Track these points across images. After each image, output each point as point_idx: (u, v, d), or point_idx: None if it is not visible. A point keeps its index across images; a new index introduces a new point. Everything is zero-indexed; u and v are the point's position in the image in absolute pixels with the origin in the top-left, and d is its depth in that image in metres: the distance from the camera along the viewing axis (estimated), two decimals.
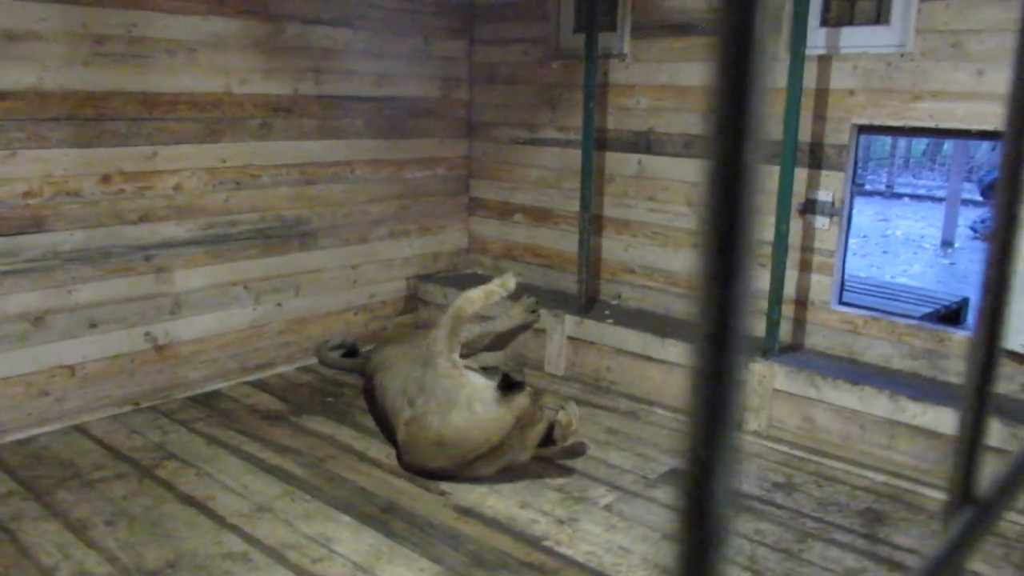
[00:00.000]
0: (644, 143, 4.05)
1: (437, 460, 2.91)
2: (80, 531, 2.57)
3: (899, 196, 14.19)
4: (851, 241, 3.65)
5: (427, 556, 2.47)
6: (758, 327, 3.59)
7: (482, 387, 2.90)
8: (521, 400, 2.83)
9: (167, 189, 3.58)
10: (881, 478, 3.06)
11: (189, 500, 2.78)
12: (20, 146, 3.15)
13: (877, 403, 3.15)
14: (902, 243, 9.99)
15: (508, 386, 2.84)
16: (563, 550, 2.53)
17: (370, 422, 3.43)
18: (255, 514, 2.69)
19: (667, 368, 3.71)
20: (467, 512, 2.75)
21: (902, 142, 16.08)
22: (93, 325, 3.44)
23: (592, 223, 4.15)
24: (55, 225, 3.28)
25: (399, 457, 3.06)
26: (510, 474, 3.02)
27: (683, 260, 3.99)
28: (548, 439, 2.91)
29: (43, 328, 3.30)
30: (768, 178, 3.57)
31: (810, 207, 3.52)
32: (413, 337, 3.66)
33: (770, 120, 3.57)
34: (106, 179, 3.39)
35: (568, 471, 3.07)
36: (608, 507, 2.80)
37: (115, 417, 3.42)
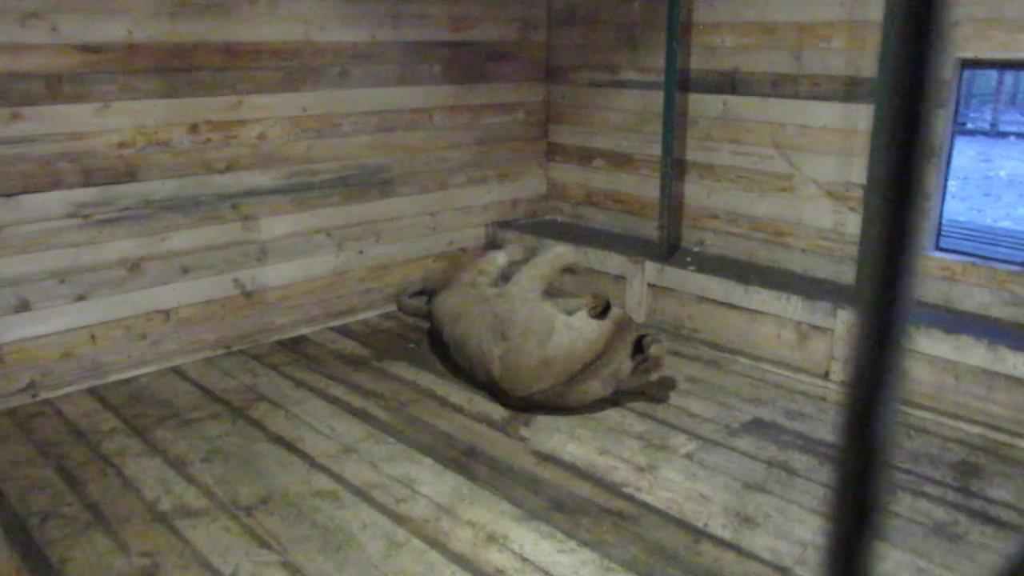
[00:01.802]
0: (729, 83, 3.92)
1: (543, 380, 2.99)
2: (179, 467, 2.72)
3: (1004, 135, 13.42)
4: (950, 183, 3.48)
5: (507, 499, 2.52)
6: (848, 275, 3.48)
7: (576, 313, 3.12)
8: (615, 311, 3.09)
9: (251, 138, 3.66)
10: (976, 430, 2.96)
11: (279, 440, 2.89)
12: (113, 98, 3.26)
13: (974, 353, 3.03)
14: (1006, 185, 9.47)
15: (601, 312, 3.09)
16: (643, 497, 2.55)
17: (450, 368, 3.49)
18: (341, 455, 2.79)
19: (750, 316, 3.65)
20: (547, 458, 2.78)
21: (1009, 77, 15.14)
22: (185, 271, 3.57)
23: (674, 167, 4.06)
24: (147, 175, 3.40)
25: (497, 392, 3.13)
26: (589, 421, 3.04)
27: (768, 205, 3.88)
28: (642, 366, 3.07)
29: (139, 274, 3.45)
30: (861, 118, 3.42)
31: None
32: (463, 275, 3.69)
33: (870, 56, 3.40)
34: (194, 129, 3.48)
35: (648, 419, 3.07)
36: (689, 455, 2.80)
37: (208, 360, 3.58)
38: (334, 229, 4.03)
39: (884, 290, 0.39)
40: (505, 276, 3.35)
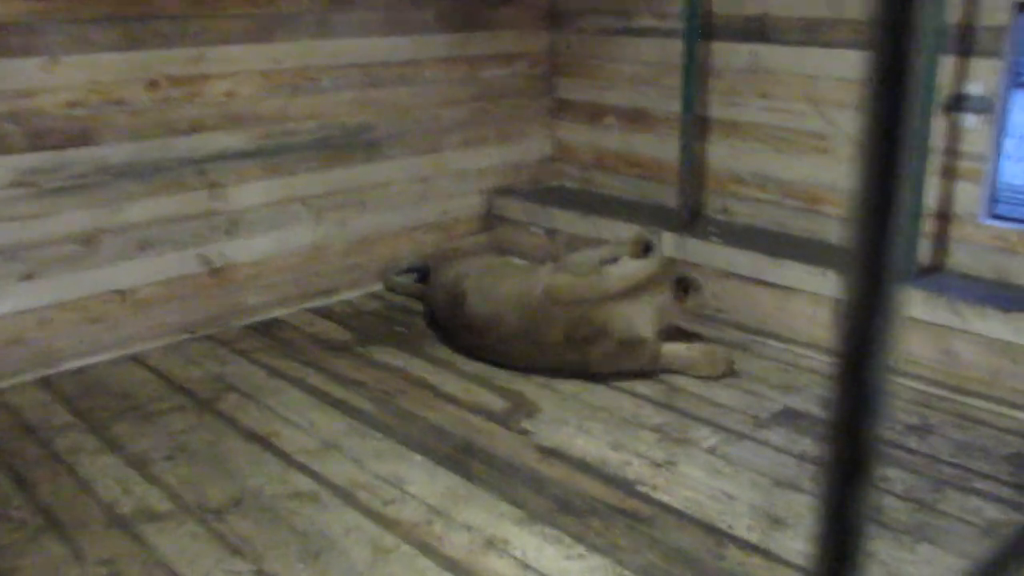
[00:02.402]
0: (758, 30, 3.88)
1: (592, 291, 3.25)
2: (140, 466, 2.72)
3: None
4: (1007, 143, 3.46)
5: (508, 500, 2.52)
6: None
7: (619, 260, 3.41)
8: (659, 253, 3.39)
9: (218, 95, 3.63)
10: None
11: (252, 435, 2.89)
12: (63, 51, 3.23)
13: None
14: None
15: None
16: (660, 496, 2.55)
17: (444, 353, 3.50)
18: (322, 452, 2.79)
19: (782, 294, 3.64)
20: (552, 453, 2.78)
21: None
22: (145, 246, 3.56)
23: (696, 126, 4.04)
24: (102, 137, 3.37)
25: (530, 331, 3.27)
26: (600, 412, 3.04)
27: (802, 167, 3.85)
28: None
29: (93, 250, 3.43)
30: None
31: (957, 103, 3.33)
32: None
33: None
34: (153, 85, 3.45)
35: (666, 409, 3.07)
36: (712, 450, 2.80)
37: (171, 346, 3.57)
38: (312, 198, 4.02)
39: (871, 248, 0.42)
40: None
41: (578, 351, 3.23)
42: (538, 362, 3.29)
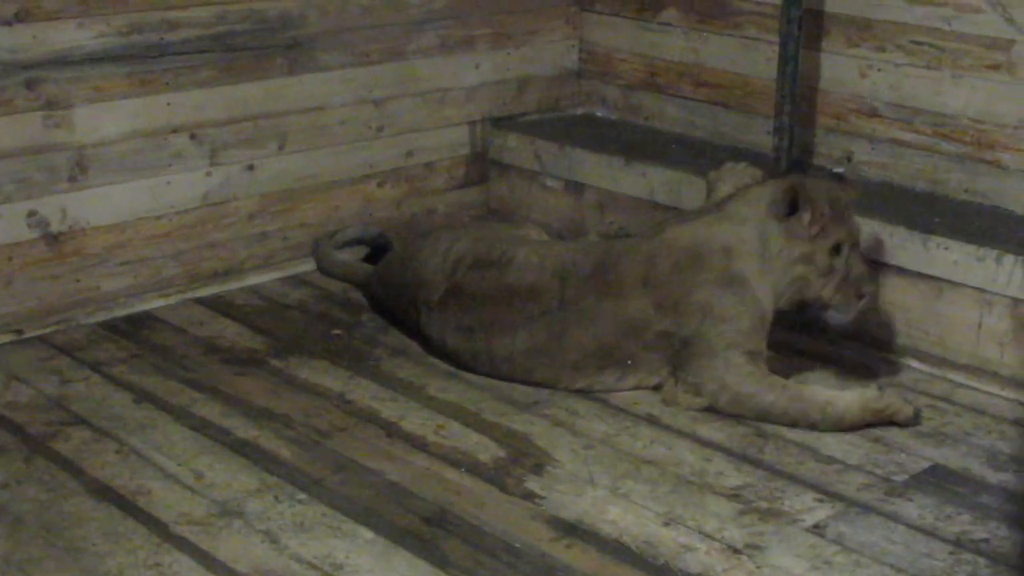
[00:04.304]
0: None
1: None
2: None
3: None
4: None
5: None
6: None
7: None
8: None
9: None
10: None
11: (107, 493, 2.87)
12: None
13: None
14: None
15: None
16: None
17: (408, 370, 3.52)
18: (215, 521, 2.77)
19: (932, 290, 3.64)
20: (572, 529, 2.77)
21: None
22: None
23: (805, 24, 4.04)
24: None
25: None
26: (647, 467, 3.04)
27: (969, 94, 3.86)
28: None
29: None
30: None
31: None
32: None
33: None
34: None
35: (749, 464, 3.08)
36: (819, 528, 2.79)
37: None
38: (204, 127, 4.02)
39: None
40: None
41: (663, 287, 3.40)
42: (605, 326, 3.40)
